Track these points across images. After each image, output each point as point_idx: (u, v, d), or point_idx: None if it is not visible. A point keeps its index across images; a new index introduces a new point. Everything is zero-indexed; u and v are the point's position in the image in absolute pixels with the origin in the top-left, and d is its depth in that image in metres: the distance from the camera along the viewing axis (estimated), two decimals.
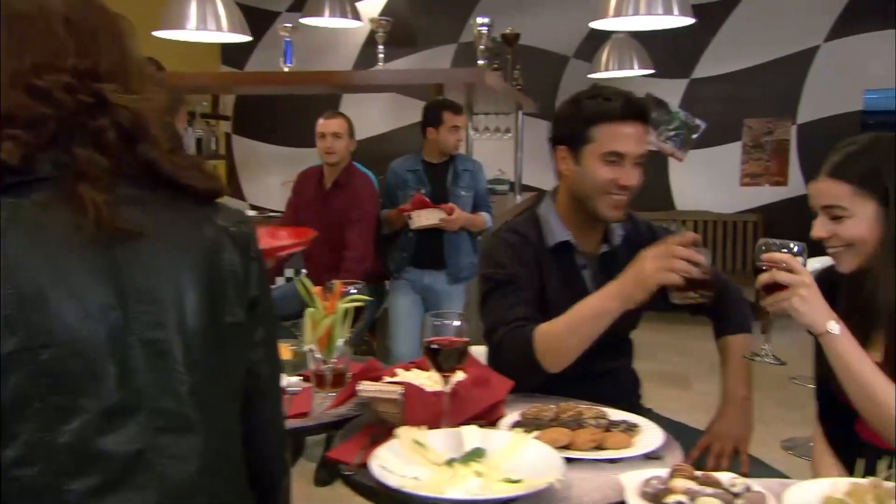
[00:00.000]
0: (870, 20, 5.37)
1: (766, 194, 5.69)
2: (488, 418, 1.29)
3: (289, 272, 3.85)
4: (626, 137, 1.49)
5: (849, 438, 1.38)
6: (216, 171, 0.89)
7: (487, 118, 5.41)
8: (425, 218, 3.13)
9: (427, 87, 3.68)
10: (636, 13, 3.22)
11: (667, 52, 5.70)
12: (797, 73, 5.57)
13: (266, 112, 6.32)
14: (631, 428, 1.23)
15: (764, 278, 1.19)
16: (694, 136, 5.87)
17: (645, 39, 4.94)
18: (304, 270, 3.43)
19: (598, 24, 3.41)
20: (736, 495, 0.98)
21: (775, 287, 1.18)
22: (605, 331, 1.61)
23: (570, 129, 1.55)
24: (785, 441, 3.48)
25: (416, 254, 3.25)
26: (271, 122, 6.33)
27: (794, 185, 5.59)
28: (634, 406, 1.74)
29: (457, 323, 1.19)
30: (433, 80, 3.55)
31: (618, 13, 3.25)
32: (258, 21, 5.37)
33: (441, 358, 1.19)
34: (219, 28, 3.31)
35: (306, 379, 1.46)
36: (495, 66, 4.33)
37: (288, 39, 3.62)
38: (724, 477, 1.02)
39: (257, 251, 0.89)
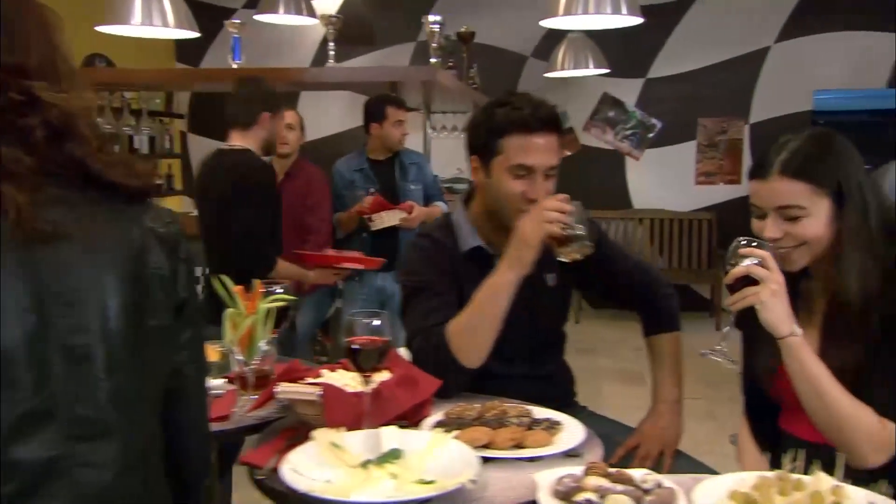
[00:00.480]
0: (818, 22, 5.50)
1: (720, 192, 5.78)
2: (413, 418, 1.27)
3: None
4: (536, 149, 1.44)
5: (775, 433, 1.40)
6: (150, 168, 0.88)
7: (445, 117, 5.40)
8: (387, 220, 3.11)
9: (383, 85, 3.65)
10: (585, 12, 3.24)
11: (623, 51, 5.76)
12: (749, 73, 5.67)
13: (222, 110, 6.21)
14: (553, 426, 1.22)
15: (739, 271, 1.15)
16: (650, 135, 5.94)
17: (601, 39, 4.98)
18: None
19: (548, 23, 3.42)
20: (646, 491, 0.98)
21: (747, 282, 1.15)
22: (536, 329, 1.62)
23: (480, 139, 1.51)
24: (733, 435, 3.54)
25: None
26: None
27: (747, 183, 5.68)
28: (570, 403, 1.75)
29: (377, 322, 1.17)
30: (385, 77, 3.52)
31: (568, 12, 3.26)
32: (213, 18, 5.28)
33: (361, 358, 1.17)
34: (165, 24, 3.23)
35: (232, 381, 1.43)
36: (450, 64, 4.31)
37: (236, 36, 3.56)
38: (637, 474, 1.02)
39: (186, 252, 0.87)
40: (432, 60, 3.66)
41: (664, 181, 5.90)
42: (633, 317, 1.73)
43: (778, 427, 1.39)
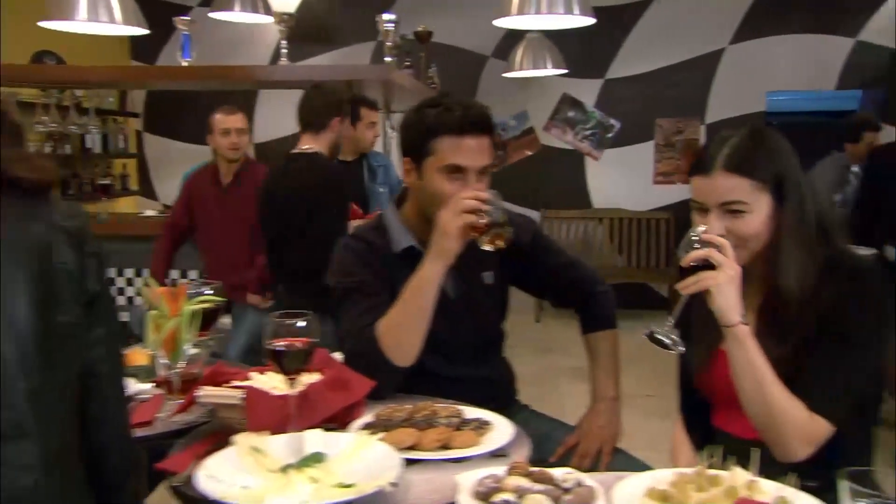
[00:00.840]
0: (771, 25, 5.61)
1: (678, 192, 5.86)
2: (343, 421, 1.25)
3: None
4: (468, 150, 1.43)
5: (708, 430, 1.41)
6: (51, 163, 0.86)
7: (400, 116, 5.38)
8: None
9: (338, 84, 3.62)
10: (538, 12, 3.25)
11: (582, 52, 5.81)
12: (705, 74, 5.76)
13: (178, 109, 6.10)
14: (482, 426, 1.21)
15: (699, 254, 1.14)
16: (609, 135, 6.00)
17: (559, 39, 5.01)
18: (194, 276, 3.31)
19: (500, 23, 3.42)
20: (566, 490, 0.98)
21: (703, 267, 1.14)
22: (474, 328, 1.61)
23: (412, 140, 1.50)
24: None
25: None
26: (184, 120, 6.12)
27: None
28: (511, 402, 1.74)
29: (301, 323, 1.14)
30: (339, 76, 3.48)
31: (521, 11, 3.27)
32: (168, 15, 5.17)
33: (285, 360, 1.14)
34: (112, 20, 3.15)
35: (160, 385, 1.39)
36: (407, 63, 4.29)
37: (186, 33, 3.49)
38: (558, 473, 1.01)
39: (96, 247, 0.86)
40: (387, 59, 3.65)
41: (623, 181, 5.97)
42: None
43: (710, 424, 1.40)
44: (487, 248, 1.37)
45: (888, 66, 5.52)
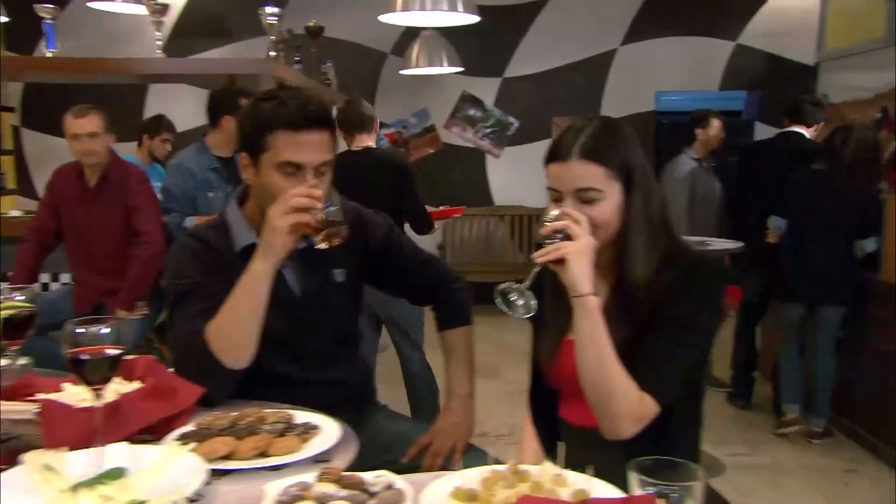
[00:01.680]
0: (658, 27, 5.84)
1: None
2: (163, 431, 1.18)
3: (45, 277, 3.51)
4: (304, 146, 1.37)
5: (555, 421, 1.42)
6: None
7: None
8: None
9: (219, 78, 3.48)
10: (423, 8, 3.24)
11: (480, 51, 5.87)
12: (598, 74, 5.94)
13: (59, 104, 5.71)
14: (308, 431, 1.17)
15: (556, 224, 1.16)
16: (508, 133, 6.09)
17: (457, 38, 5.03)
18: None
19: (386, 18, 3.40)
20: (372, 494, 0.95)
21: (561, 238, 1.16)
22: (323, 327, 1.56)
23: (248, 135, 1.43)
24: None
25: None
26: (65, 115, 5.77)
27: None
28: (368, 403, 1.71)
29: (105, 330, 1.07)
30: (218, 70, 3.36)
31: (405, 7, 3.25)
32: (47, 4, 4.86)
33: (87, 369, 1.06)
34: None
35: None
36: (296, 59, 4.19)
37: (49, 22, 3.27)
38: (369, 476, 0.99)
39: None
40: (272, 54, 3.54)
41: (523, 178, 6.06)
42: (491, 311, 1.71)
43: (557, 416, 1.42)
44: (322, 246, 1.34)
45: (765, 69, 5.85)
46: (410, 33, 5.29)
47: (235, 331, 1.32)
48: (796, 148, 3.65)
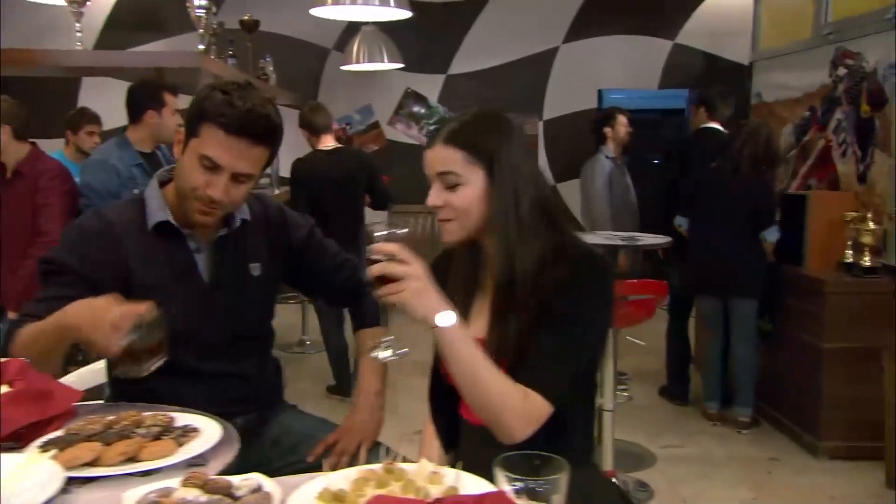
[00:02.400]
0: (599, 25, 5.90)
1: None
2: (30, 438, 1.12)
3: None
4: (231, 150, 1.35)
5: (457, 420, 1.40)
6: None
7: None
8: None
9: (145, 72, 3.36)
10: (354, 2, 3.21)
11: (424, 47, 5.85)
12: (541, 72, 5.97)
13: None
14: (187, 433, 1.13)
15: (376, 270, 1.11)
16: None
17: (400, 34, 5.00)
18: None
19: (317, 12, 3.35)
20: (237, 499, 0.92)
21: (388, 278, 1.11)
22: (236, 321, 1.52)
23: (191, 115, 1.41)
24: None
25: None
26: None
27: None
28: (275, 402, 1.67)
29: None
30: (140, 63, 3.24)
31: (336, 1, 3.21)
32: None
33: None
34: None
35: None
36: (230, 53, 4.10)
37: None
38: (237, 479, 0.95)
39: None
40: (200, 47, 3.45)
41: None
42: None
43: (459, 415, 1.40)
44: (130, 375, 1.19)
45: (702, 68, 5.97)
46: (352, 29, 5.23)
47: (37, 358, 1.26)
48: (715, 143, 3.77)
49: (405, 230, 1.15)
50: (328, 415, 1.71)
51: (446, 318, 1.12)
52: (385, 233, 1.14)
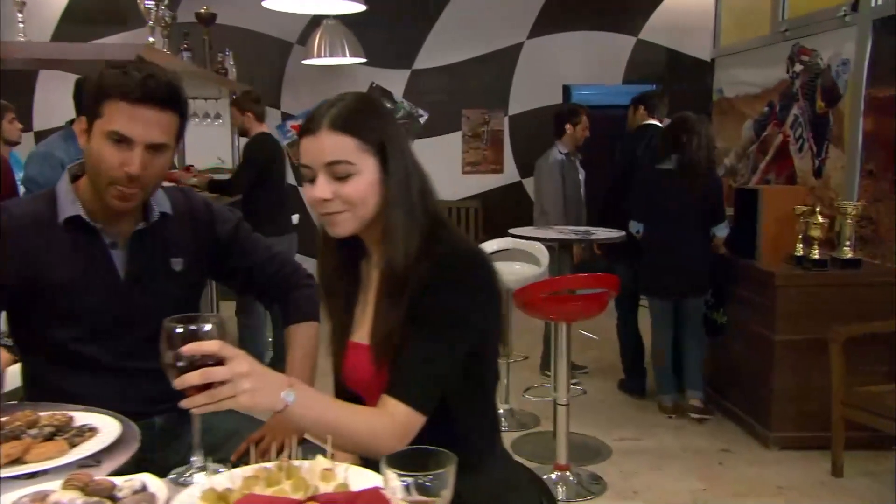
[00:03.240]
0: (563, 21, 5.91)
1: (485, 181, 6.04)
2: None
3: None
4: (138, 121, 1.31)
5: None
6: None
7: (195, 103, 5.07)
8: None
9: (93, 64, 3.29)
10: None
11: (388, 42, 5.82)
12: (506, 67, 5.96)
13: None
14: (83, 433, 1.09)
15: (194, 379, 0.94)
16: (418, 125, 6.05)
17: (365, 28, 4.97)
18: None
19: (269, 4, 3.30)
20: (118, 500, 0.89)
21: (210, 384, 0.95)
22: (150, 315, 1.48)
23: (87, 99, 1.37)
24: None
25: None
26: None
27: (509, 172, 6.00)
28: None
29: None
30: (82, 55, 3.16)
31: None
32: None
33: None
34: None
35: None
36: (184, 46, 4.03)
37: None
38: (118, 481, 0.92)
39: None
40: (150, 39, 3.38)
41: (433, 170, 5.82)
42: None
43: None
44: None
45: (665, 63, 6.01)
46: (316, 23, 5.18)
47: None
48: (653, 141, 3.81)
49: (210, 326, 1.01)
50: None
51: (288, 395, 1.01)
52: (184, 330, 1.00)
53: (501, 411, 3.63)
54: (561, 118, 4.19)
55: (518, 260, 3.80)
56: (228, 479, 0.92)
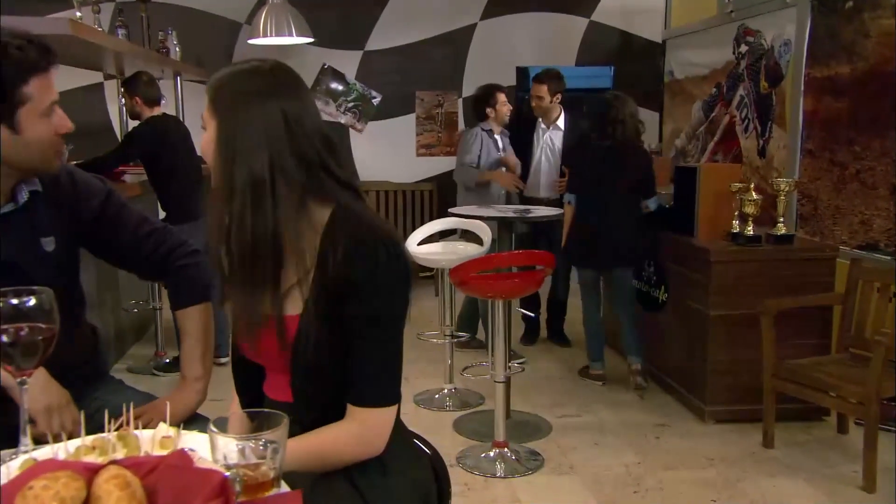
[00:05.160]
0: (518, 2, 5.87)
1: (440, 164, 6.00)
2: None
3: None
4: (52, 84, 1.32)
5: (261, 395, 1.34)
6: None
7: None
8: None
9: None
10: None
11: (340, 23, 5.73)
12: (459, 48, 5.92)
13: None
14: None
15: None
16: (371, 107, 5.98)
17: (315, 9, 4.89)
18: None
19: None
20: None
21: None
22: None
23: (4, 85, 1.27)
24: (419, 394, 3.67)
25: None
26: None
27: None
28: (98, 375, 1.60)
29: None
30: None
31: None
32: None
33: None
34: None
35: None
36: (119, 22, 3.93)
37: None
38: None
39: None
40: (77, 14, 3.29)
41: (388, 153, 5.99)
42: None
43: (262, 391, 1.34)
44: None
45: (617, 45, 6.02)
46: (263, 2, 5.07)
47: None
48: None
49: (34, 300, 1.00)
50: None
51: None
52: (4, 304, 0.97)
53: (445, 391, 3.63)
54: (478, 103, 4.32)
55: (469, 241, 3.82)
56: (54, 450, 0.89)
